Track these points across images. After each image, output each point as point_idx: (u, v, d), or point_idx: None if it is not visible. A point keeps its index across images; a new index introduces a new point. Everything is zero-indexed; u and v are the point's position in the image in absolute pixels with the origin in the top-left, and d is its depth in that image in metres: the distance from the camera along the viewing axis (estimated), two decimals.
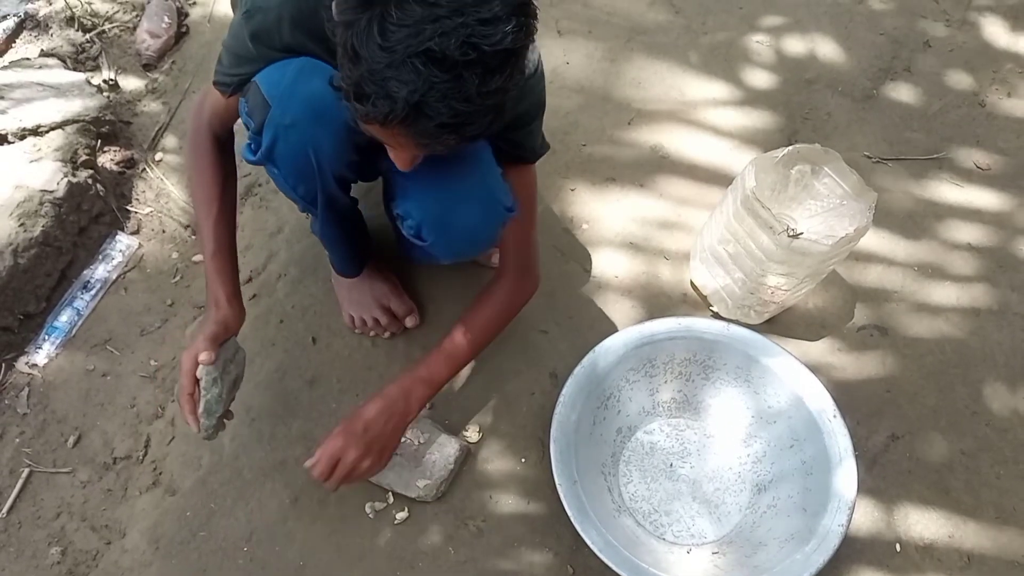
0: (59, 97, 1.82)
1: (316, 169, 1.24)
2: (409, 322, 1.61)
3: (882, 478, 1.49)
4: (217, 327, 1.28)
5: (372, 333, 1.60)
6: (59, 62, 1.95)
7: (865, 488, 1.47)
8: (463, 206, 1.25)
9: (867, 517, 1.45)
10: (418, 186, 1.26)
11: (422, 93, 0.89)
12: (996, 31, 2.13)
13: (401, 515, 1.43)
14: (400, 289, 1.62)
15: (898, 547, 1.44)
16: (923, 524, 1.46)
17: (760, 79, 2.01)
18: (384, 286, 1.60)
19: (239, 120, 1.28)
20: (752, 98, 1.97)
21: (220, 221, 1.33)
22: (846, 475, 1.35)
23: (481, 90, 0.90)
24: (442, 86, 0.89)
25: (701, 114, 1.94)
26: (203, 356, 1.24)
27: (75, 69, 1.95)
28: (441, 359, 1.38)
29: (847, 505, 1.33)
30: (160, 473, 1.51)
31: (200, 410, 1.26)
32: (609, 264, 1.72)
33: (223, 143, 1.37)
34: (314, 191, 1.30)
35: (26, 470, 1.51)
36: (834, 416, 1.40)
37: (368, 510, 1.43)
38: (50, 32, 2.03)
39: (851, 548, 1.41)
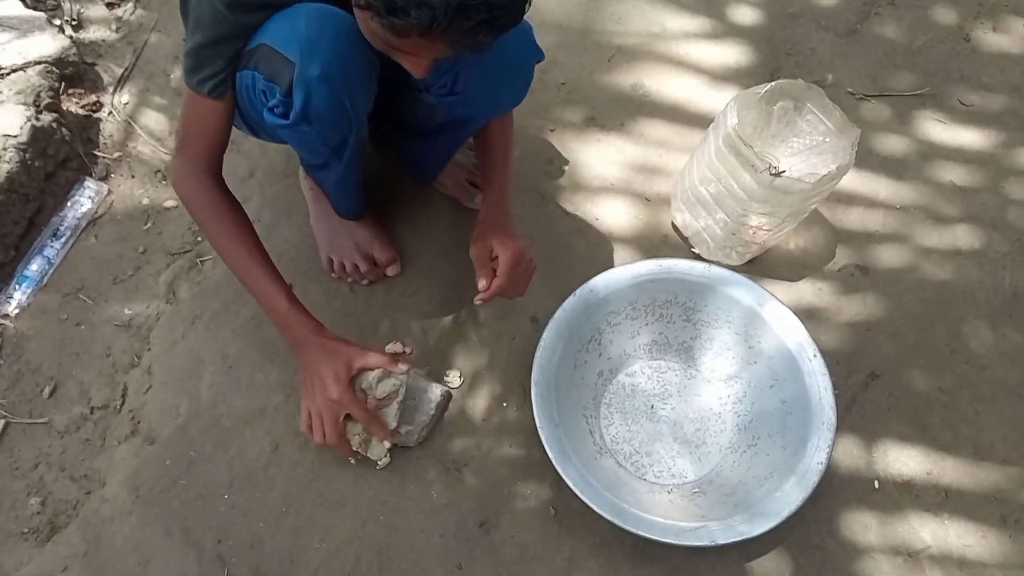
0: (19, 38, 1.75)
1: (352, 115, 1.21)
2: (390, 271, 1.59)
3: (861, 416, 1.50)
4: (354, 356, 1.30)
5: (350, 279, 1.58)
6: (18, 2, 1.87)
7: (844, 426, 1.48)
8: (500, 42, 1.15)
9: (846, 455, 1.47)
10: None
11: None
12: None
13: (383, 460, 1.42)
14: (384, 236, 1.60)
15: (877, 484, 1.45)
16: (902, 461, 1.47)
17: (742, 14, 1.96)
18: (368, 232, 1.57)
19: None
20: (734, 33, 1.93)
21: (272, 270, 1.32)
22: (825, 414, 1.36)
23: None
24: None
25: (683, 50, 1.90)
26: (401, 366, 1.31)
27: (35, 8, 1.87)
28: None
29: (826, 443, 1.34)
30: (138, 422, 1.49)
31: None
32: (589, 207, 1.69)
33: (221, 179, 1.33)
34: (345, 139, 1.27)
35: (2, 421, 1.49)
36: (814, 356, 1.40)
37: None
38: None
39: (830, 486, 1.42)
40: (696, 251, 1.63)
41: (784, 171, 1.36)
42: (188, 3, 1.15)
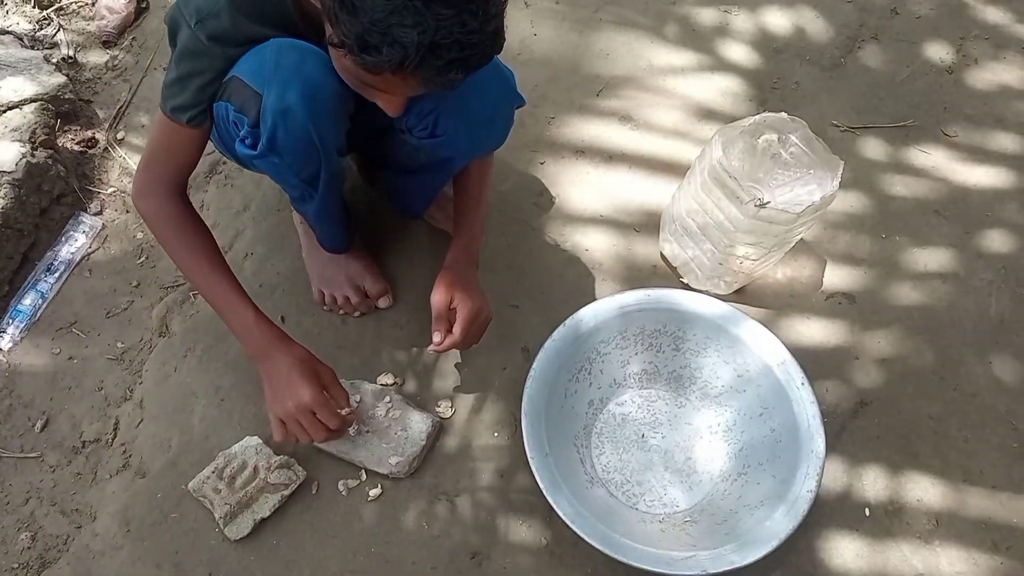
0: (16, 76, 1.78)
1: (319, 147, 1.23)
2: (382, 303, 1.60)
3: (851, 444, 1.51)
4: (317, 365, 1.33)
5: (342, 312, 1.59)
6: (15, 40, 1.91)
7: (834, 454, 1.48)
8: (480, 87, 1.23)
9: (837, 482, 1.47)
10: None
11: (432, 34, 0.90)
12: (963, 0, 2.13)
13: (374, 492, 1.43)
14: (375, 268, 1.61)
15: (867, 511, 1.45)
16: (892, 488, 1.48)
17: (728, 49, 2.00)
18: (359, 264, 1.59)
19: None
20: (721, 68, 1.97)
21: (236, 284, 1.33)
22: (814, 442, 1.37)
23: (483, 17, 0.92)
24: (448, 22, 0.90)
25: (669, 85, 1.93)
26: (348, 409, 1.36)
27: (32, 47, 1.91)
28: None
29: (816, 471, 1.34)
30: (130, 456, 1.49)
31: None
32: (579, 238, 1.71)
33: (186, 197, 1.34)
34: (316, 171, 1.29)
35: None
36: (802, 384, 1.41)
37: (341, 487, 1.43)
38: (5, 9, 1.98)
39: (821, 513, 1.42)
40: (685, 281, 1.65)
41: (769, 202, 1.38)
42: (176, 34, 1.18)
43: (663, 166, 1.81)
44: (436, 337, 1.38)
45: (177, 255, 1.33)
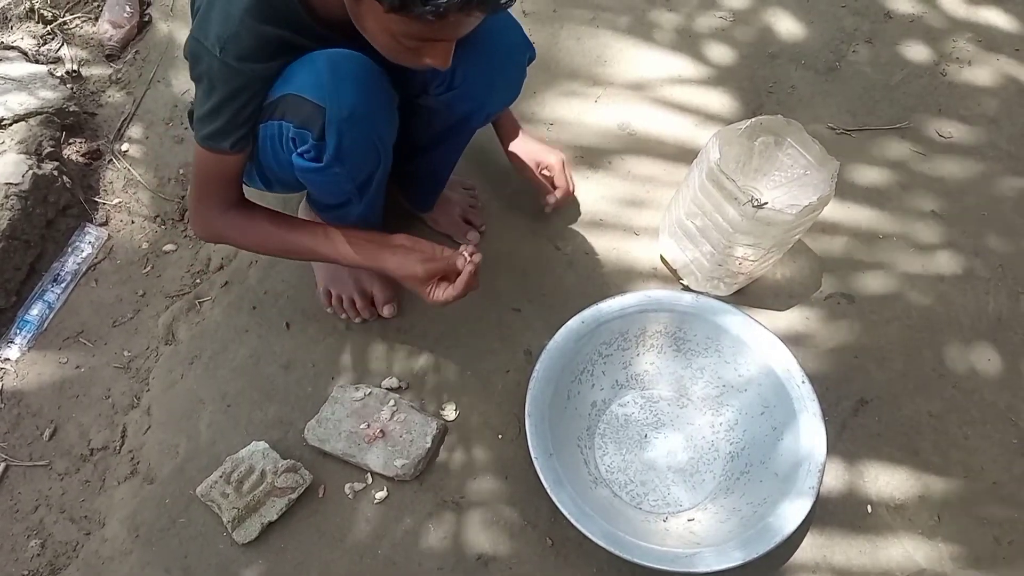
0: (21, 90, 1.80)
1: (380, 149, 1.29)
2: (386, 311, 1.61)
3: (852, 442, 1.52)
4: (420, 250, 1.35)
5: (344, 316, 1.61)
6: (20, 54, 1.93)
7: (836, 452, 1.49)
8: (494, 34, 1.29)
9: (838, 480, 1.48)
10: None
11: None
12: (955, 2, 2.15)
13: (380, 495, 1.44)
14: (384, 278, 1.62)
15: (870, 508, 1.47)
16: (893, 485, 1.49)
17: (724, 54, 2.02)
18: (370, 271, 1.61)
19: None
20: (717, 73, 1.99)
21: (321, 227, 1.39)
22: (815, 439, 1.38)
23: None
24: None
25: (667, 90, 1.95)
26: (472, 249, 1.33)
27: (37, 61, 1.93)
28: None
29: (817, 468, 1.36)
30: (137, 462, 1.51)
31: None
32: (580, 241, 1.73)
33: (242, 201, 1.38)
34: (372, 174, 1.34)
35: (2, 464, 1.51)
36: (802, 382, 1.43)
37: (347, 491, 1.44)
38: (10, 24, 2.01)
39: (824, 511, 1.44)
40: (685, 283, 1.66)
41: (766, 203, 1.40)
42: (197, 68, 1.19)
43: (661, 170, 1.83)
44: (550, 199, 1.61)
45: (268, 250, 1.45)
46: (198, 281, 1.69)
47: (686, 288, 1.66)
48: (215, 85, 1.18)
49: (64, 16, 2.03)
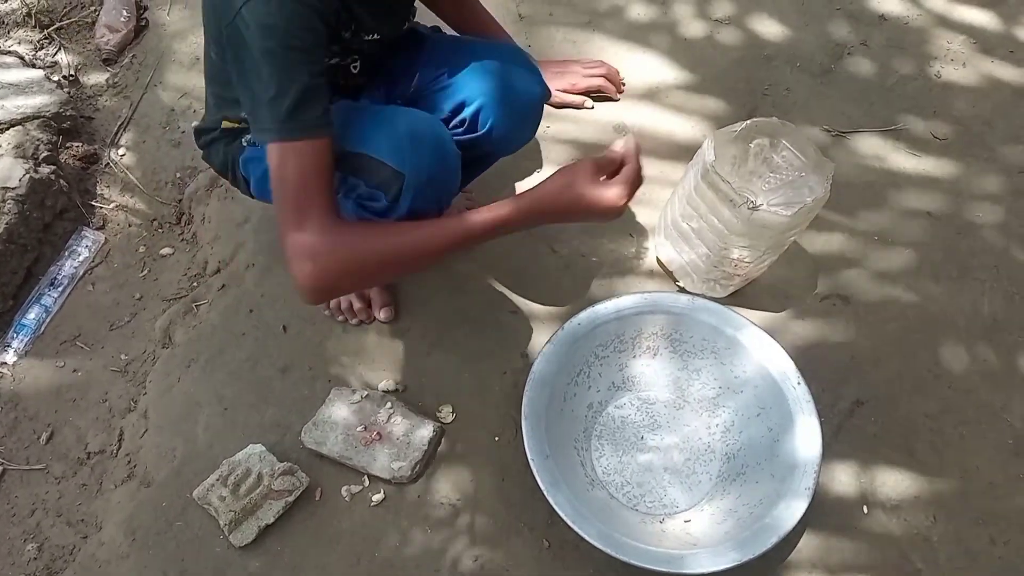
0: (18, 94, 1.81)
1: (444, 203, 1.33)
2: (384, 315, 1.61)
3: (848, 443, 1.52)
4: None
5: (340, 318, 1.61)
6: (17, 59, 1.93)
7: (832, 453, 1.50)
8: (517, 70, 1.34)
9: (835, 481, 1.49)
10: (471, 73, 1.35)
11: None
12: (948, 4, 2.16)
13: (377, 497, 1.44)
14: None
15: (865, 509, 1.47)
16: (889, 486, 1.49)
17: (720, 56, 2.03)
18: None
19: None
20: (712, 75, 1.99)
21: (442, 221, 1.25)
22: (811, 440, 1.39)
23: None
24: None
25: (662, 93, 1.96)
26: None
27: (34, 66, 1.93)
28: None
29: (813, 469, 1.36)
30: (134, 466, 1.51)
31: None
32: (576, 244, 1.73)
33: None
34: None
35: None
36: (798, 383, 1.43)
37: (344, 493, 1.44)
38: (7, 29, 2.01)
39: (820, 511, 1.44)
40: (681, 284, 1.67)
41: (762, 205, 1.41)
42: (237, 45, 1.07)
43: (657, 172, 1.83)
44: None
45: (404, 255, 1.20)
46: (195, 284, 1.69)
47: (682, 290, 1.66)
48: (275, 65, 1.04)
49: (61, 21, 2.04)
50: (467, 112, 1.34)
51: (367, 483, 1.46)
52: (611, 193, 1.21)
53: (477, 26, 1.59)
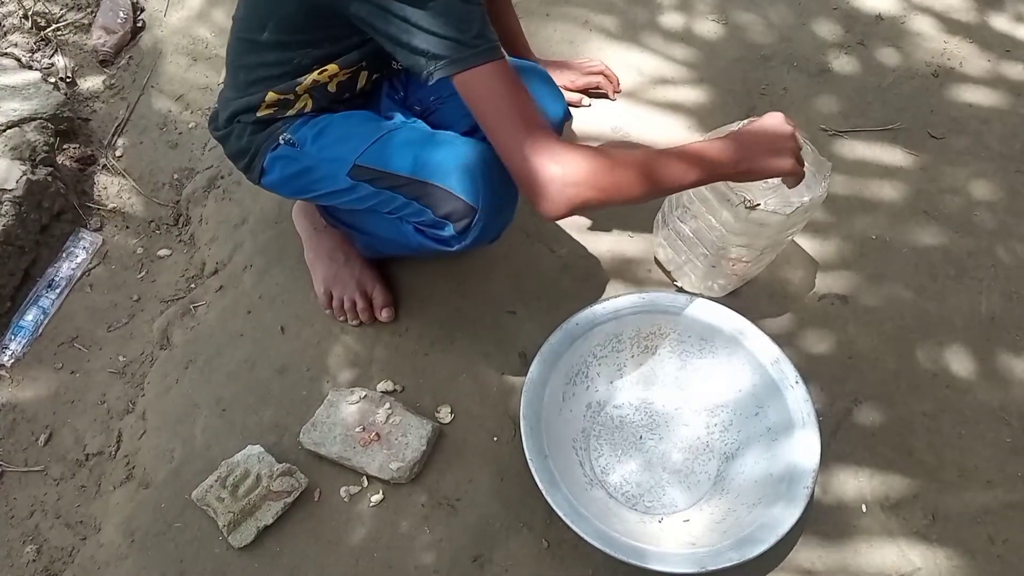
0: (14, 96, 1.81)
1: (502, 229, 1.36)
2: (384, 314, 1.61)
3: (846, 442, 1.53)
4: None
5: (341, 318, 1.61)
6: (14, 61, 1.93)
7: (830, 452, 1.50)
8: (539, 87, 1.37)
9: (833, 480, 1.49)
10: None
11: None
12: (945, 4, 2.16)
13: (376, 497, 1.44)
14: (384, 281, 1.64)
15: (864, 508, 1.47)
16: (888, 485, 1.49)
17: (717, 56, 2.03)
18: (371, 273, 1.61)
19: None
20: (709, 75, 2.00)
21: (683, 148, 1.22)
22: (809, 439, 1.39)
23: None
24: None
25: (660, 92, 1.96)
26: None
27: (30, 67, 1.93)
28: None
29: (811, 468, 1.36)
30: (133, 467, 1.51)
31: None
32: (574, 244, 1.74)
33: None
34: None
35: None
36: (796, 383, 1.43)
37: (343, 494, 1.44)
38: (3, 31, 2.01)
39: (818, 510, 1.44)
40: (679, 284, 1.67)
41: (759, 204, 1.41)
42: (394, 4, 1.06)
43: None
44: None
45: (645, 174, 1.16)
46: (193, 286, 1.69)
47: (680, 290, 1.66)
48: (441, 12, 1.04)
49: (57, 23, 2.04)
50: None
51: (366, 484, 1.46)
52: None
53: (507, 34, 1.62)
